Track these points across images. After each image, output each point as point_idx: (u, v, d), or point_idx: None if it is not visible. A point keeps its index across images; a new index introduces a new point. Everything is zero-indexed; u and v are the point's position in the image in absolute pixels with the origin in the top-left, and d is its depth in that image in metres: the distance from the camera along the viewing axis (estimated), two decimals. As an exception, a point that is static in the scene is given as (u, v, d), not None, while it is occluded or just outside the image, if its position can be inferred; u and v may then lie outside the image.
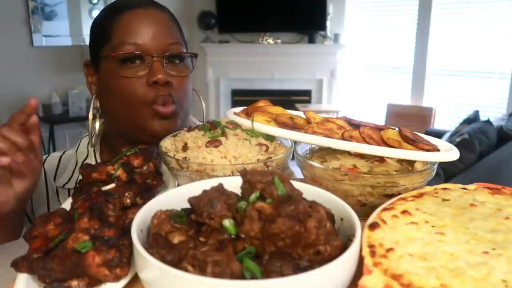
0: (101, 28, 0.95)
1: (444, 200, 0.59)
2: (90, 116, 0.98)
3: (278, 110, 0.84)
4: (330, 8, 5.47)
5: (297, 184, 0.52)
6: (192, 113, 1.07)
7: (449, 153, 0.70)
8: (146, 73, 0.90)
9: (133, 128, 0.93)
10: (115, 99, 0.93)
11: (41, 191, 1.02)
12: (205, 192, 0.48)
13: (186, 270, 0.40)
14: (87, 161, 1.02)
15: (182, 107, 0.95)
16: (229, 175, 0.66)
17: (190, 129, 0.78)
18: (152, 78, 0.88)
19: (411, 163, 0.69)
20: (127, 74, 0.90)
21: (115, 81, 0.91)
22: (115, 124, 0.99)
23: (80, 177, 0.70)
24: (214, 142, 0.71)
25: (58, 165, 1.05)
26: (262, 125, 0.75)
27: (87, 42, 1.02)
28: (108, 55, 0.91)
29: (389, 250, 0.47)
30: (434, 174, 0.69)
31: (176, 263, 0.42)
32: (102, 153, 1.04)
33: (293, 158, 0.74)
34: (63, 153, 1.09)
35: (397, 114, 5.21)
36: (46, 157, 1.07)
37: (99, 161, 1.01)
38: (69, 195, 0.99)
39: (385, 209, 0.55)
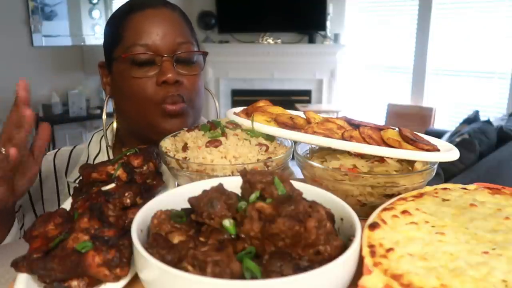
0: (113, 29, 0.96)
1: (444, 200, 0.59)
2: (104, 116, 1.01)
3: (278, 110, 0.84)
4: (330, 8, 5.47)
5: (297, 184, 0.52)
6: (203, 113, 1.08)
7: (449, 153, 0.70)
8: (156, 73, 0.91)
9: (144, 127, 0.95)
10: (127, 99, 0.94)
11: (51, 189, 1.03)
12: (205, 192, 0.48)
13: (186, 270, 0.40)
14: (99, 156, 1.03)
15: (192, 106, 0.96)
16: (229, 175, 0.66)
17: (190, 129, 0.78)
18: (162, 78, 0.89)
19: (411, 163, 0.69)
20: (138, 74, 0.91)
21: (126, 82, 0.92)
22: (128, 123, 1.01)
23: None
24: (214, 142, 0.71)
25: (69, 160, 1.06)
26: (262, 125, 0.75)
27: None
28: (119, 56, 0.92)
29: (389, 250, 0.47)
30: (434, 174, 0.68)
31: (176, 263, 0.42)
32: (114, 151, 1.05)
33: (293, 158, 0.74)
34: (74, 147, 1.10)
35: (397, 114, 5.21)
36: (56, 152, 1.08)
37: (111, 157, 1.02)
38: None
39: (385, 209, 0.55)
